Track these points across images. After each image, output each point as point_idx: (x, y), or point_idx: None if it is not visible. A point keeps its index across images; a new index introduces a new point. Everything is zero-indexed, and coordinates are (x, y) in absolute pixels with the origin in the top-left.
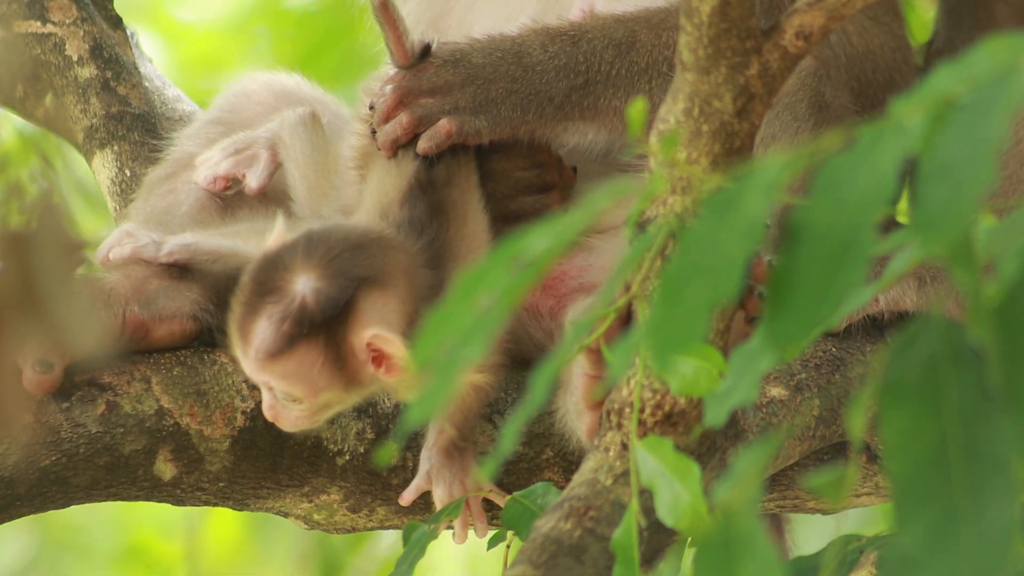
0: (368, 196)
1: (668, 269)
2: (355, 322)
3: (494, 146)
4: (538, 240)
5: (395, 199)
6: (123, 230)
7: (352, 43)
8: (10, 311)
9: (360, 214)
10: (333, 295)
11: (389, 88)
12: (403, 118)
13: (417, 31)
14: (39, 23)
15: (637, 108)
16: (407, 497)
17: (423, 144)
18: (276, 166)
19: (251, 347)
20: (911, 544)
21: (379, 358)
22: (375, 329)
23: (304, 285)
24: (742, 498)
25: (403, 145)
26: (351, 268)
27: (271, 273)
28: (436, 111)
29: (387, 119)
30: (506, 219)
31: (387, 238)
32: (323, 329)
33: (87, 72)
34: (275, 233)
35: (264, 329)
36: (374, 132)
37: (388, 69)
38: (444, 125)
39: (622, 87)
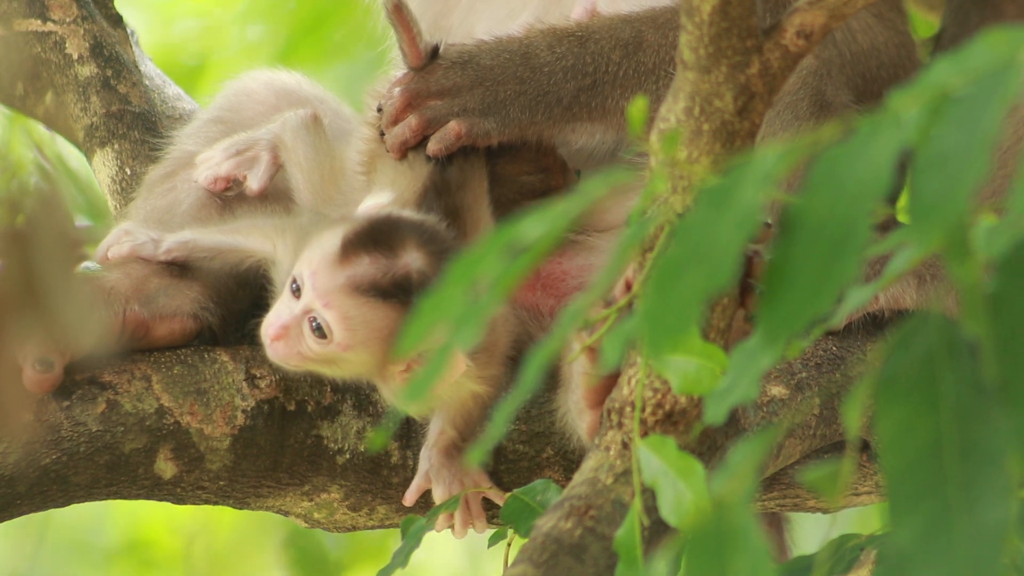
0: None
1: (663, 259)
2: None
3: (499, 150)
4: (533, 227)
5: (410, 201)
6: (121, 229)
7: (341, 28)
8: (10, 309)
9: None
10: (417, 290)
11: (397, 90)
12: (412, 120)
13: None
14: (39, 21)
15: (637, 107)
16: (409, 498)
17: (433, 146)
18: (277, 168)
19: (347, 269)
20: (905, 541)
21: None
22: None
23: (414, 261)
24: (736, 492)
25: (412, 147)
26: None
27: (388, 231)
28: (445, 113)
29: (395, 121)
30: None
31: None
32: (407, 306)
33: (87, 70)
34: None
35: (368, 266)
36: (383, 135)
37: (395, 72)
38: (453, 127)
39: (630, 87)
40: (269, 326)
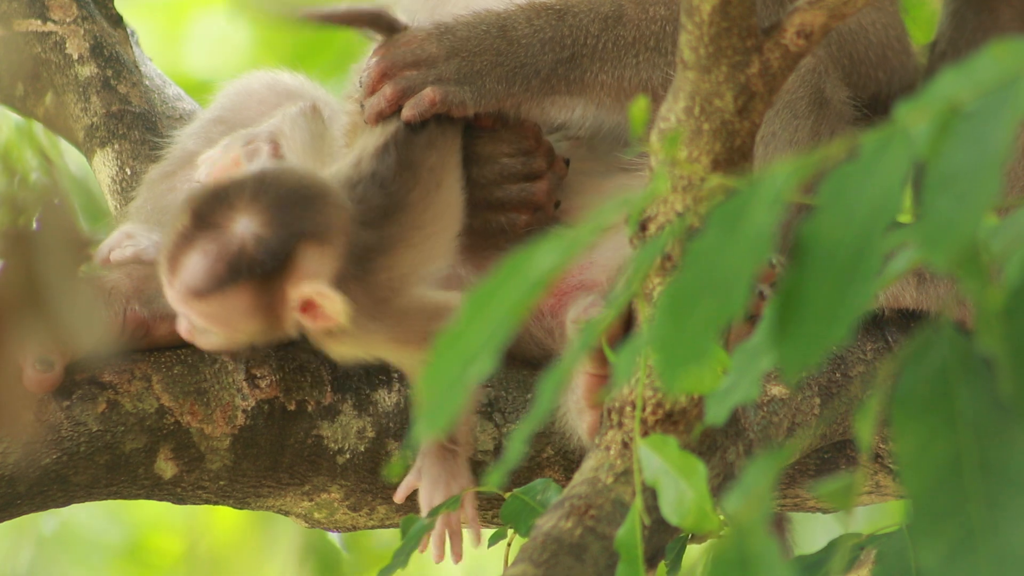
0: (352, 149)
1: (675, 284)
2: (292, 274)
3: (481, 129)
4: (546, 256)
5: (370, 152)
6: (123, 231)
7: (345, 39)
8: (13, 309)
9: (339, 162)
10: (274, 246)
11: (373, 61)
12: (387, 90)
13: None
14: (39, 21)
15: (639, 107)
16: (399, 495)
17: (407, 112)
18: (277, 160)
19: (178, 279)
20: (930, 563)
21: (309, 308)
22: (315, 283)
23: (246, 228)
24: (754, 513)
25: (387, 117)
26: (296, 220)
27: (214, 206)
28: (420, 82)
29: (372, 92)
30: (491, 207)
31: (333, 193)
32: (256, 277)
33: (87, 70)
34: (225, 156)
35: (196, 264)
36: (362, 107)
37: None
38: (428, 94)
39: (609, 60)
40: (179, 329)
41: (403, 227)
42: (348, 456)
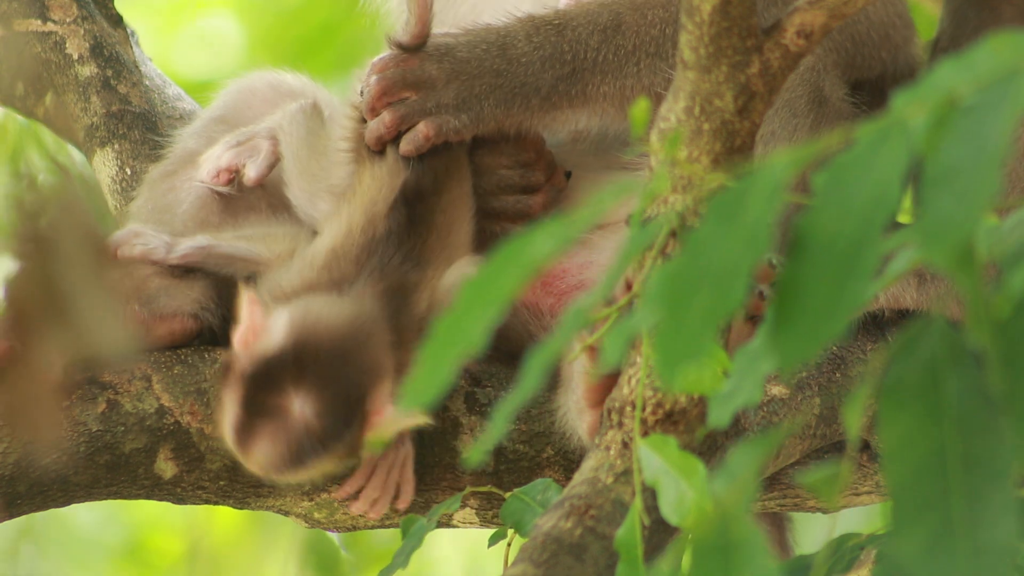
0: (358, 199)
1: (673, 277)
2: (365, 419)
3: (483, 140)
4: (542, 242)
5: (382, 212)
6: (131, 230)
7: (345, 39)
8: (34, 312)
9: (346, 215)
10: (340, 413)
11: (374, 79)
12: (385, 116)
13: None
14: (39, 21)
15: (640, 107)
16: (343, 491)
17: (404, 147)
18: (276, 158)
19: (254, 461)
20: (908, 554)
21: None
22: (391, 417)
23: (305, 409)
24: (738, 499)
25: (389, 141)
26: (351, 379)
27: (264, 392)
28: (417, 110)
29: (372, 110)
30: (486, 215)
31: (368, 319)
32: (331, 443)
33: (87, 70)
34: (247, 316)
35: (268, 451)
36: (364, 120)
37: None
38: (422, 129)
39: (610, 71)
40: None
41: (423, 274)
42: None
